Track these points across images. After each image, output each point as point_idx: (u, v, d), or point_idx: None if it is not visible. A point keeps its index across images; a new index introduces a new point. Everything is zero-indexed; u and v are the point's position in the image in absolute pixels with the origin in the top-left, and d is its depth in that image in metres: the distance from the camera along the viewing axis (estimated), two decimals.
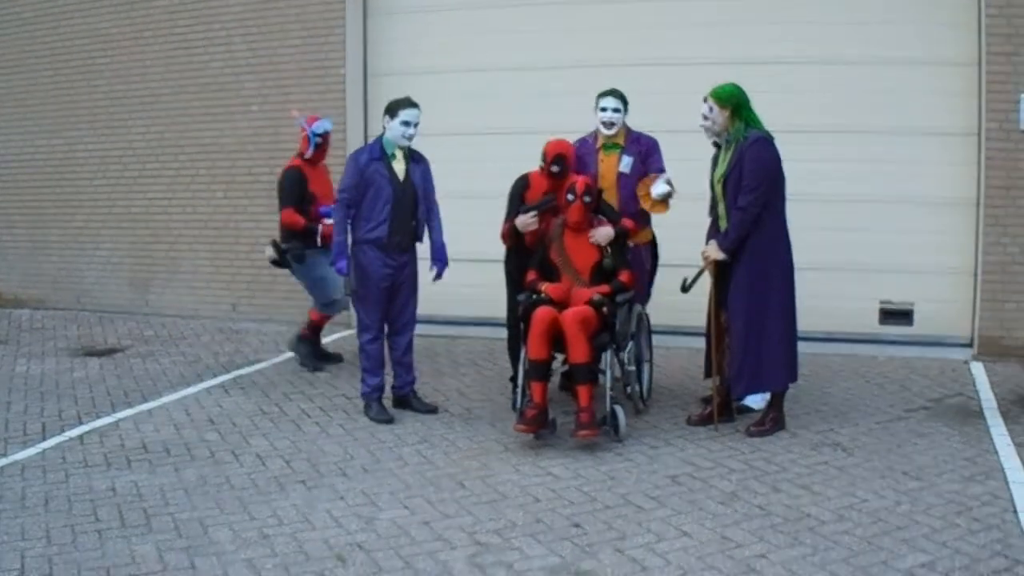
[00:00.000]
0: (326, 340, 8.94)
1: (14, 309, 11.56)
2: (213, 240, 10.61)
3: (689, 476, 5.67)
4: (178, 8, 10.56)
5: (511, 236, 6.94)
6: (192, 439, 6.54)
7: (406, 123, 6.76)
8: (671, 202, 6.84)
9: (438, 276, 7.08)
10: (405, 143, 6.82)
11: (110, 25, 10.95)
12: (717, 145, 6.56)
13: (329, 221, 7.31)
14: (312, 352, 8.40)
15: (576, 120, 7.69)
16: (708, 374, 6.74)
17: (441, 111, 8.56)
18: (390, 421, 6.80)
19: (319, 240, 7.85)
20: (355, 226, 6.82)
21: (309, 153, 8.01)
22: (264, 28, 10.15)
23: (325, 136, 8.07)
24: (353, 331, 9.47)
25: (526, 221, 6.79)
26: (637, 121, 7.20)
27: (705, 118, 6.49)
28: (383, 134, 6.87)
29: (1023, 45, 8.03)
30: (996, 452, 6.02)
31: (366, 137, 9.72)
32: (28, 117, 11.56)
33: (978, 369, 8.04)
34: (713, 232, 6.49)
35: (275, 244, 8.05)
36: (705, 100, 6.47)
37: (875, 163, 8.57)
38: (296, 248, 7.92)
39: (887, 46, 8.52)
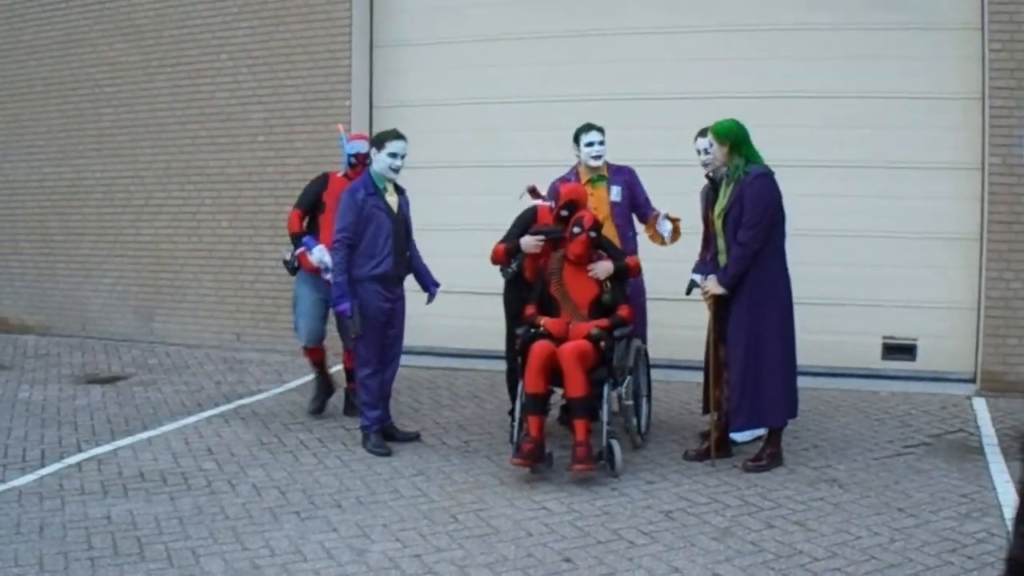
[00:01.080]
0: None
1: (20, 335, 11.61)
2: (218, 270, 10.65)
3: (683, 511, 5.65)
4: (186, 38, 10.65)
5: (505, 254, 6.96)
6: (190, 468, 6.55)
7: (393, 155, 6.79)
8: (681, 227, 6.95)
9: (432, 298, 7.19)
10: (392, 175, 6.86)
11: (118, 54, 11.04)
12: (710, 179, 6.57)
13: (310, 256, 7.29)
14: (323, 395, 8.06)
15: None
16: (706, 409, 6.73)
17: (444, 143, 8.63)
18: (388, 453, 6.80)
19: (294, 266, 7.64)
20: (354, 263, 6.77)
21: (341, 171, 7.64)
22: (270, 59, 10.22)
23: (359, 157, 7.46)
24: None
25: (532, 242, 6.80)
26: (640, 155, 7.26)
27: (701, 153, 6.52)
28: (369, 167, 6.90)
29: None
30: (994, 489, 5.99)
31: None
32: (36, 144, 11.66)
33: (980, 405, 7.99)
34: (710, 267, 6.50)
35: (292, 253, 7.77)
36: (697, 138, 6.50)
37: (877, 198, 8.56)
38: (291, 259, 7.68)
39: (890, 81, 8.54)
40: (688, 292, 6.89)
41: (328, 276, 7.04)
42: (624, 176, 7.32)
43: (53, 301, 11.67)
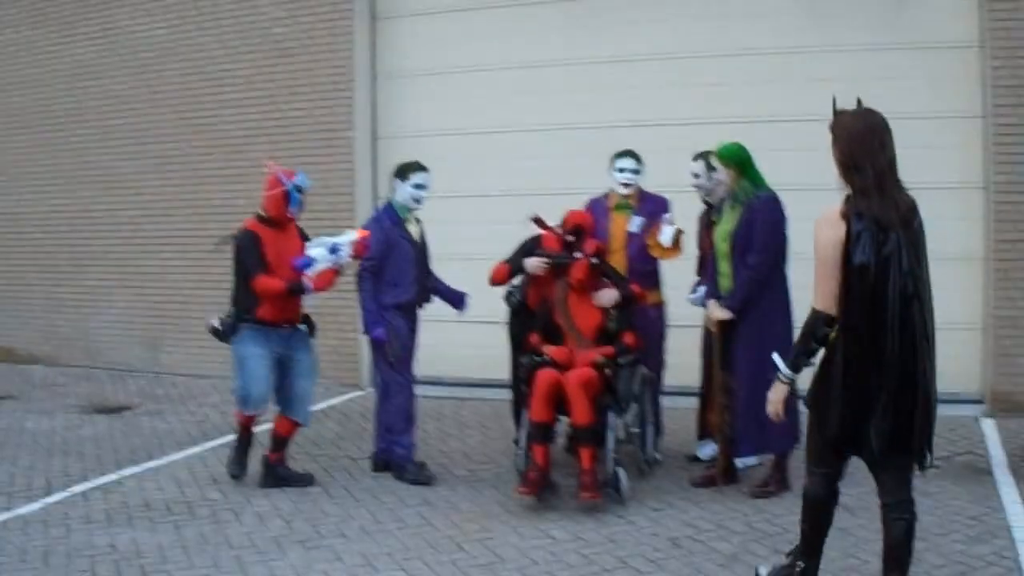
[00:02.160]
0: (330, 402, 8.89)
1: (28, 365, 11.63)
2: (224, 301, 10.54)
3: (690, 539, 5.61)
4: (191, 71, 10.71)
5: (506, 274, 6.97)
6: (194, 498, 6.54)
7: (418, 186, 6.78)
8: (683, 241, 6.87)
9: (465, 305, 7.18)
10: (415, 206, 6.85)
11: (124, 87, 11.11)
12: (708, 204, 6.56)
13: (312, 272, 6.43)
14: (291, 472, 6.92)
15: (588, 181, 7.73)
16: (702, 435, 6.70)
17: (447, 172, 8.59)
18: (432, 480, 6.74)
19: (304, 293, 6.59)
20: (377, 292, 6.75)
21: (293, 210, 6.61)
22: (274, 91, 10.28)
23: (303, 191, 6.69)
24: (360, 392, 9.53)
25: (536, 263, 6.79)
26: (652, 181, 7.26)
27: (697, 176, 6.52)
28: (392, 198, 6.88)
29: None
30: (1003, 510, 5.94)
31: (374, 199, 9.79)
32: (43, 176, 11.72)
33: (988, 426, 7.95)
34: (710, 291, 6.47)
35: (220, 318, 6.88)
36: (697, 160, 6.50)
37: None
38: (229, 318, 6.79)
39: (890, 101, 8.31)
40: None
41: (341, 256, 6.47)
42: (652, 207, 7.06)
43: (60, 332, 11.70)
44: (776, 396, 4.54)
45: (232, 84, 10.51)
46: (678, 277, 7.17)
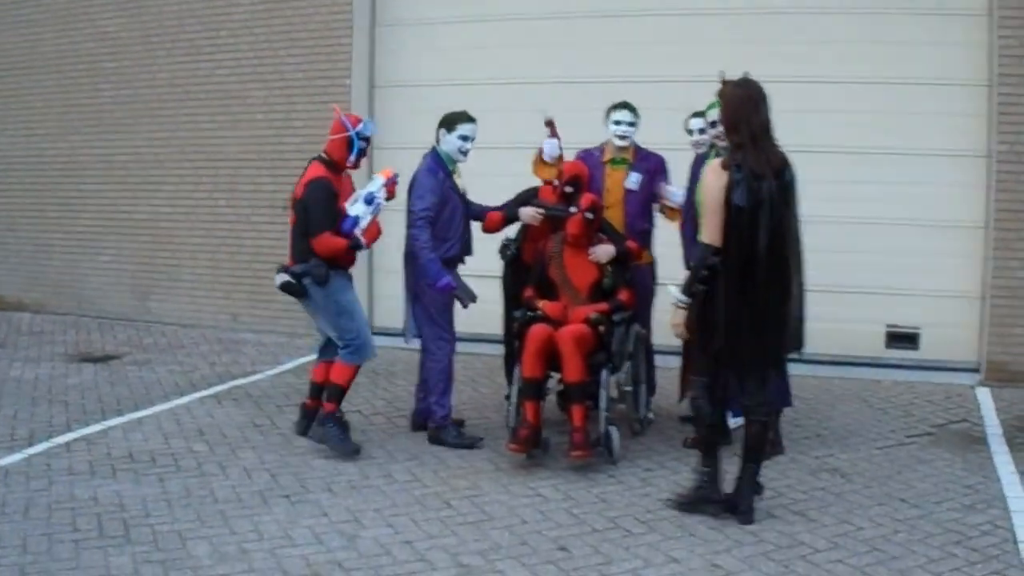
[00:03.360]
0: None
1: (15, 312, 11.49)
2: (215, 249, 10.53)
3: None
4: (186, 14, 10.51)
5: (500, 222, 6.87)
6: (180, 450, 6.45)
7: (464, 137, 6.60)
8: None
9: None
10: (461, 158, 6.65)
11: (118, 28, 10.91)
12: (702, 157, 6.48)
13: (359, 230, 6.28)
14: (344, 433, 6.41)
15: (583, 134, 7.60)
16: (683, 395, 6.63)
17: None
18: (476, 443, 6.54)
19: (360, 250, 6.50)
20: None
21: (352, 159, 6.43)
22: (271, 36, 10.09)
23: (368, 140, 6.59)
24: None
25: (532, 213, 6.67)
26: (643, 138, 7.11)
27: (695, 133, 6.43)
28: (437, 147, 6.66)
29: None
30: (999, 480, 5.90)
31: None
32: (33, 120, 11.54)
33: (984, 395, 7.89)
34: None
35: (285, 268, 6.43)
36: (691, 119, 6.42)
37: (883, 184, 8.44)
38: (318, 268, 6.28)
39: (897, 66, 8.40)
40: None
41: (378, 204, 6.33)
42: (649, 164, 6.96)
43: (48, 279, 11.57)
44: (676, 319, 5.25)
45: (228, 28, 10.31)
46: (671, 235, 7.04)
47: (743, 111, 5.16)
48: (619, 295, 6.50)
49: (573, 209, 6.49)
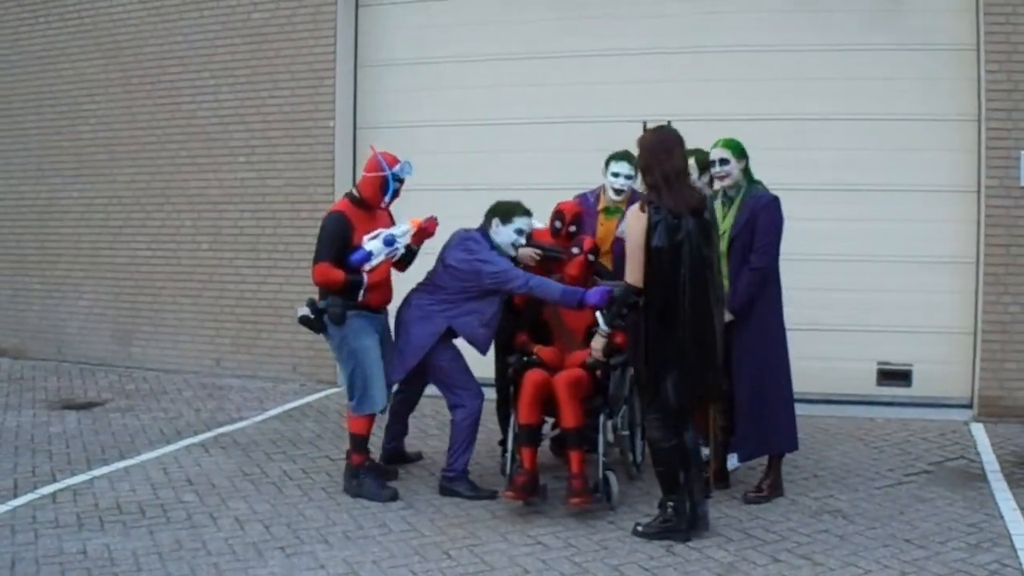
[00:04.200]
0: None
1: None
2: (197, 293, 10.40)
3: (684, 546, 5.44)
4: (167, 56, 10.43)
5: None
6: (169, 500, 6.31)
7: (520, 231, 6.45)
8: None
9: None
10: (513, 252, 6.46)
11: (98, 70, 10.82)
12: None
13: (369, 267, 6.21)
14: (377, 477, 6.44)
15: (572, 176, 7.57)
16: None
17: (429, 165, 8.38)
18: (493, 496, 6.31)
19: (362, 294, 6.28)
20: (464, 309, 6.36)
21: (386, 201, 6.42)
22: (253, 78, 10.01)
23: (403, 182, 6.51)
24: (336, 389, 9.25)
25: (530, 253, 6.52)
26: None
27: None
28: (491, 234, 6.45)
29: (1023, 101, 7.92)
30: (1002, 517, 5.84)
31: None
32: (12, 162, 11.41)
33: (978, 431, 7.84)
34: None
35: (312, 303, 6.39)
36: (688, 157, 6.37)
37: (872, 221, 8.42)
38: (335, 306, 6.25)
39: (883, 102, 8.41)
40: None
41: (397, 248, 6.30)
42: None
43: (28, 324, 11.40)
44: (596, 344, 5.79)
45: (210, 70, 10.23)
46: None
47: (656, 156, 5.42)
48: (614, 338, 6.39)
49: (575, 250, 6.42)
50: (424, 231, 6.46)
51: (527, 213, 6.51)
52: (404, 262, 6.62)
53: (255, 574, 5.10)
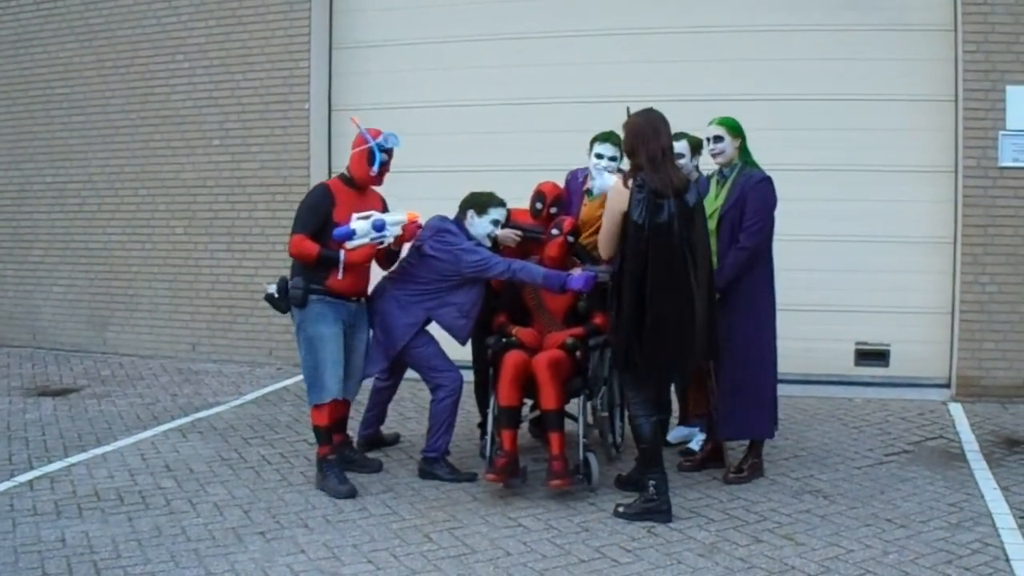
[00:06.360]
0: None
1: None
2: (172, 278, 10.32)
3: (666, 527, 5.43)
4: (140, 39, 10.32)
5: None
6: (147, 486, 6.24)
7: (496, 222, 6.40)
8: None
9: None
10: (488, 243, 6.42)
11: (70, 55, 10.70)
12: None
13: (351, 245, 5.99)
14: (339, 473, 6.15)
15: (552, 157, 7.52)
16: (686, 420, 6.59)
17: (408, 146, 8.32)
18: (473, 479, 6.29)
19: (340, 272, 6.05)
20: (445, 299, 6.33)
21: (375, 171, 6.21)
22: (227, 61, 9.93)
23: (391, 153, 6.36)
24: None
25: (510, 235, 6.49)
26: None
27: (682, 156, 6.34)
28: (466, 226, 6.38)
29: (1001, 81, 7.95)
30: (982, 496, 5.86)
31: (330, 173, 9.50)
32: None
33: (957, 410, 7.87)
34: None
35: (284, 281, 6.19)
36: (679, 140, 6.33)
37: (850, 201, 8.44)
38: (296, 288, 6.06)
39: (861, 83, 8.42)
40: None
41: (385, 235, 6.07)
42: None
43: (2, 310, 11.29)
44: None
45: (184, 52, 10.13)
46: None
47: (642, 136, 5.47)
48: (594, 319, 6.37)
49: (555, 231, 6.37)
50: (412, 228, 6.27)
51: (502, 204, 6.45)
52: (388, 260, 6.51)
53: (235, 559, 5.05)
